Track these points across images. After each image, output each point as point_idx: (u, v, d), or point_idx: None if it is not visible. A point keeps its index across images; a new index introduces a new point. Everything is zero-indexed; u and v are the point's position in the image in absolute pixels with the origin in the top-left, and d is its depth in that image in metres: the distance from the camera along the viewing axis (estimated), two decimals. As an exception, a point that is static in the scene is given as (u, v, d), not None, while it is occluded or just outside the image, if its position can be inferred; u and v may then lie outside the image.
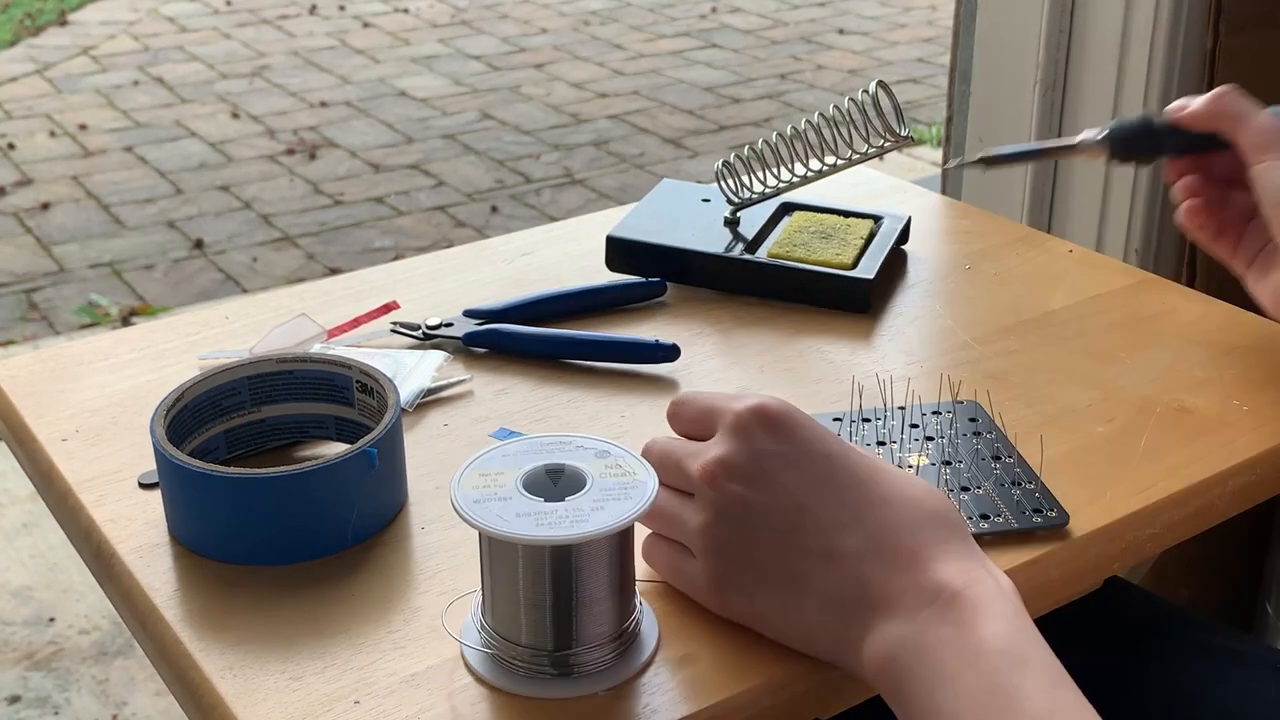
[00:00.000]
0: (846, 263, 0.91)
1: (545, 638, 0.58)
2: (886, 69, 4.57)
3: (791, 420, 0.59)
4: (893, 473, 0.59)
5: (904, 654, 0.53)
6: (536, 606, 0.57)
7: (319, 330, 0.85)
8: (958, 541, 0.56)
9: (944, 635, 0.52)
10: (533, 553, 0.56)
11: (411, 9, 5.40)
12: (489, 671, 0.58)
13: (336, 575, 0.65)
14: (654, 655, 0.59)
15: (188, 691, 0.59)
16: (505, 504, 0.56)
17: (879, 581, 0.55)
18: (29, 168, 3.75)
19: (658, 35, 5.04)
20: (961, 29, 1.41)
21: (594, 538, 0.55)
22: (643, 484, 0.58)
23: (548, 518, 0.56)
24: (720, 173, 0.96)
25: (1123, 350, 0.84)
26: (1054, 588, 0.67)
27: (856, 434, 0.74)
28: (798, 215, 0.98)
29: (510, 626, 0.58)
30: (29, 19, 5.21)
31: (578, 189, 3.64)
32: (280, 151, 3.88)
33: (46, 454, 0.74)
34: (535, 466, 0.59)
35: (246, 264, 3.20)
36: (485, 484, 0.58)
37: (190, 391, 0.70)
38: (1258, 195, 0.78)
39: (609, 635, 0.58)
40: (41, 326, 2.90)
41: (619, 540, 0.58)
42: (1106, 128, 0.84)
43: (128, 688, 1.81)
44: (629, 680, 0.58)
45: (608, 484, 0.58)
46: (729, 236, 0.95)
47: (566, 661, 0.58)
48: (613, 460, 0.59)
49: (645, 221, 0.96)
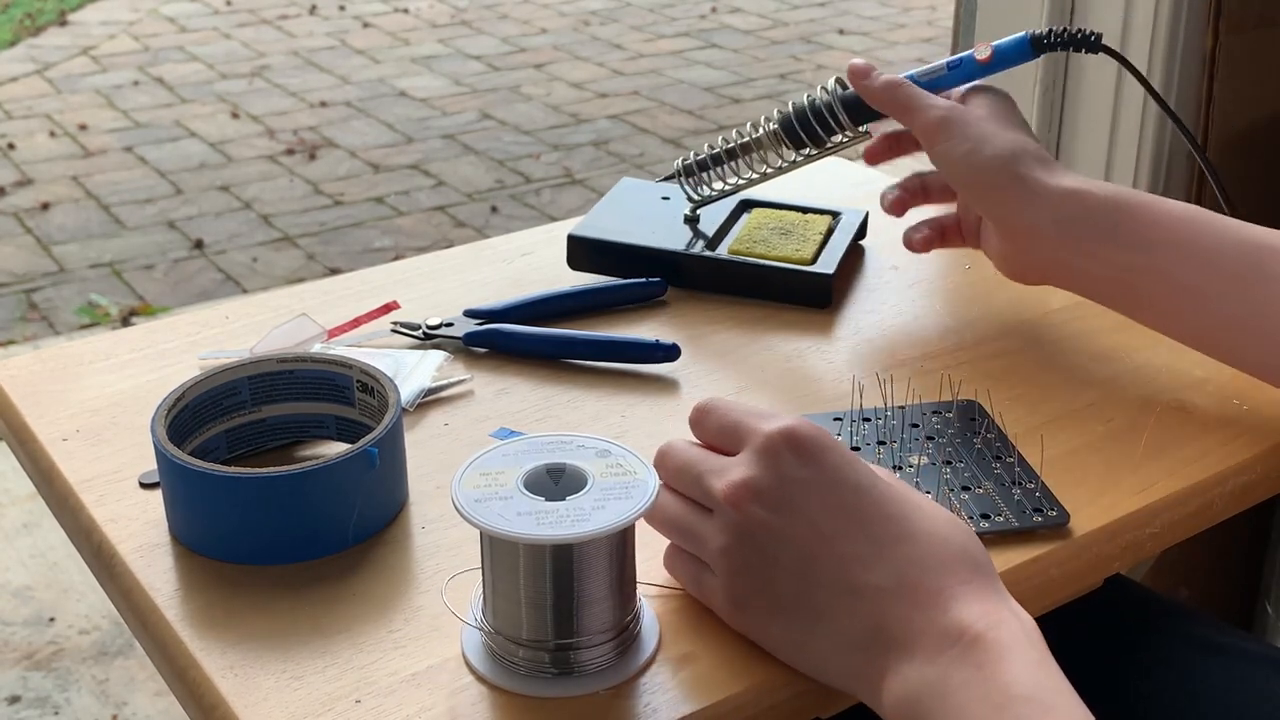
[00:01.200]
0: (806, 258, 0.92)
1: (546, 637, 0.58)
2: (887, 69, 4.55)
3: (820, 446, 0.58)
4: (921, 507, 0.57)
5: (926, 697, 0.52)
6: (537, 605, 0.57)
7: (319, 330, 0.85)
8: (982, 581, 0.55)
9: (967, 678, 0.51)
10: (533, 552, 0.56)
11: (411, 9, 5.40)
12: (490, 670, 0.58)
13: (337, 575, 0.65)
14: (655, 654, 0.59)
15: (188, 691, 0.59)
16: (506, 503, 0.57)
17: (900, 620, 0.54)
18: (29, 168, 3.75)
19: (658, 35, 5.04)
20: (961, 29, 1.41)
21: (594, 537, 0.55)
22: (643, 483, 0.58)
23: (548, 517, 0.56)
24: (680, 170, 0.96)
25: (1123, 350, 0.84)
26: (1054, 587, 0.67)
27: (857, 433, 0.74)
28: (756, 212, 0.99)
29: (511, 625, 0.58)
30: (29, 19, 5.21)
31: (578, 189, 3.64)
32: (280, 151, 3.88)
33: (47, 454, 0.74)
34: (536, 466, 0.59)
35: (246, 264, 3.20)
36: (486, 483, 0.58)
37: (191, 391, 0.70)
38: (946, 177, 0.85)
39: (609, 634, 0.58)
40: (41, 326, 2.90)
41: (619, 540, 0.58)
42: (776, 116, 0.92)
43: (128, 688, 1.81)
44: (629, 680, 0.58)
45: (608, 483, 0.58)
46: (689, 234, 0.95)
47: (567, 660, 0.58)
48: (613, 459, 0.59)
49: (606, 220, 0.97)
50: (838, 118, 0.90)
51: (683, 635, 0.61)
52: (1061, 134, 1.35)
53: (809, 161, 0.93)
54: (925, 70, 0.88)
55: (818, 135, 0.91)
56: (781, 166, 0.94)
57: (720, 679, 0.58)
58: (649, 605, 0.62)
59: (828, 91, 0.90)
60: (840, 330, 0.88)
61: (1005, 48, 0.86)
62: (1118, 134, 1.30)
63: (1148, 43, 1.25)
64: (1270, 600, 1.33)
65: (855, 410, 0.76)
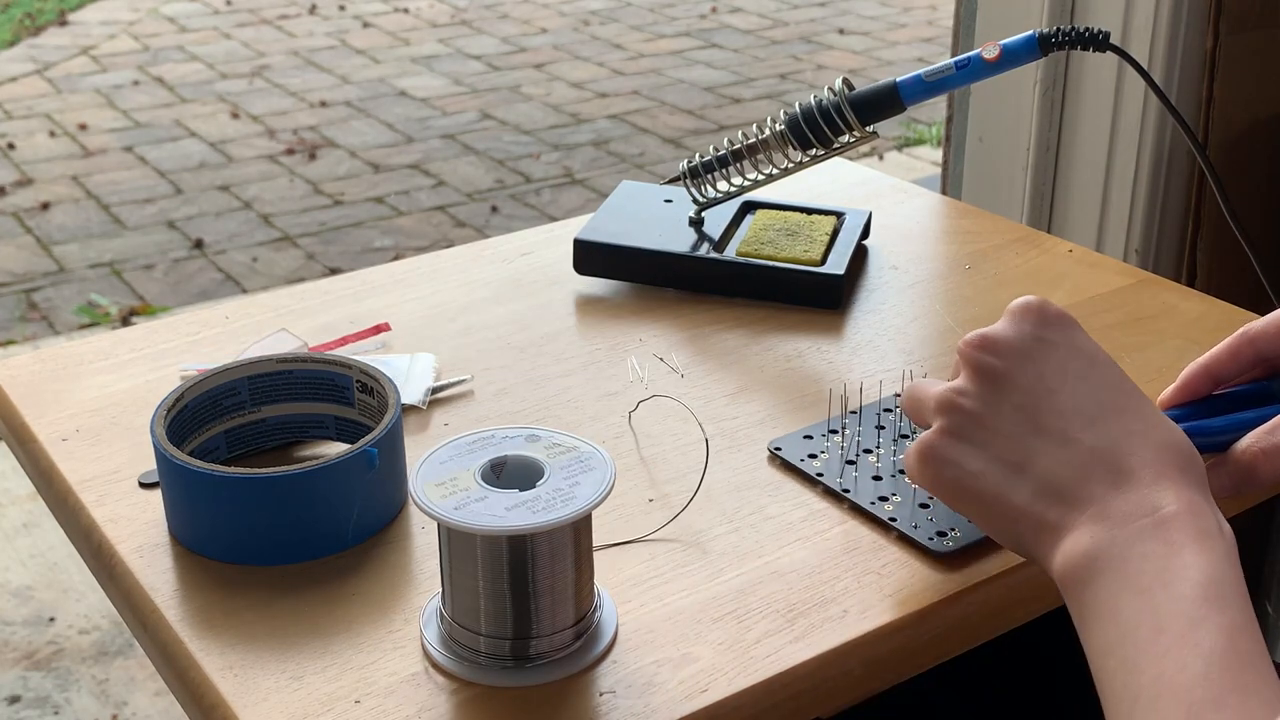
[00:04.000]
0: (815, 259, 0.92)
1: (505, 627, 0.58)
2: (887, 69, 4.57)
3: (1066, 320, 0.59)
4: (1149, 402, 0.58)
5: (1103, 557, 0.52)
6: (496, 596, 0.57)
7: (299, 344, 0.84)
8: (1192, 479, 0.55)
9: (1149, 550, 0.51)
10: (490, 543, 0.57)
11: (411, 9, 5.39)
12: (451, 664, 0.59)
13: (336, 575, 0.65)
14: (613, 644, 0.60)
15: (188, 691, 0.59)
16: (464, 494, 0.57)
17: (1104, 482, 0.54)
18: (29, 168, 3.75)
19: (658, 35, 5.04)
20: (961, 29, 1.41)
21: (552, 527, 0.56)
22: (599, 473, 0.58)
23: (508, 508, 0.56)
24: (685, 172, 0.96)
25: (1123, 350, 0.84)
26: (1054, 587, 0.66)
27: (858, 435, 0.74)
28: (761, 214, 0.98)
29: (470, 617, 0.58)
30: (29, 19, 5.21)
31: (578, 189, 3.64)
32: (280, 151, 3.88)
33: (46, 454, 0.74)
34: (489, 459, 0.59)
35: (246, 264, 3.20)
36: (444, 475, 0.58)
37: (190, 392, 0.70)
38: None
39: (567, 624, 0.59)
40: (41, 326, 2.90)
41: (577, 529, 0.58)
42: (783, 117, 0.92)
43: (128, 688, 1.81)
44: (588, 668, 0.58)
45: (565, 473, 0.58)
46: (694, 237, 0.95)
47: (524, 649, 0.58)
48: (570, 449, 0.60)
49: (610, 224, 0.97)
50: (845, 118, 0.90)
51: (683, 635, 0.61)
52: (1062, 134, 1.35)
53: (815, 162, 0.93)
54: (933, 70, 0.87)
55: (825, 136, 0.91)
56: (788, 167, 0.94)
57: (720, 679, 0.58)
58: (608, 595, 0.62)
59: (835, 92, 0.90)
60: (844, 330, 0.88)
61: (1013, 46, 0.86)
62: (1118, 134, 1.30)
63: (1148, 43, 1.25)
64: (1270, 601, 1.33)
65: (846, 411, 0.76)
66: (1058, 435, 0.56)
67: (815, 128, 0.90)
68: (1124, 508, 0.53)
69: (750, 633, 0.61)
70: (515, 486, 0.58)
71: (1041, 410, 0.57)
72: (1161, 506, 0.52)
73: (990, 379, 0.58)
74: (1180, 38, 1.24)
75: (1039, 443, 0.56)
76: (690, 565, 0.65)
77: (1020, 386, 0.57)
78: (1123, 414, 0.56)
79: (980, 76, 0.87)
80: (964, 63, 0.87)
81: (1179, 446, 0.56)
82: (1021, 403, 0.57)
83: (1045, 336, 0.58)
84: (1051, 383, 0.57)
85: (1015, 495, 0.56)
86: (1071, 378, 0.57)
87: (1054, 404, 0.57)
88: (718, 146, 0.96)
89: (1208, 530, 0.52)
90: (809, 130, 0.90)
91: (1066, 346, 0.58)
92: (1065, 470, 0.55)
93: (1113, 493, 0.54)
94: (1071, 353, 0.58)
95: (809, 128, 0.90)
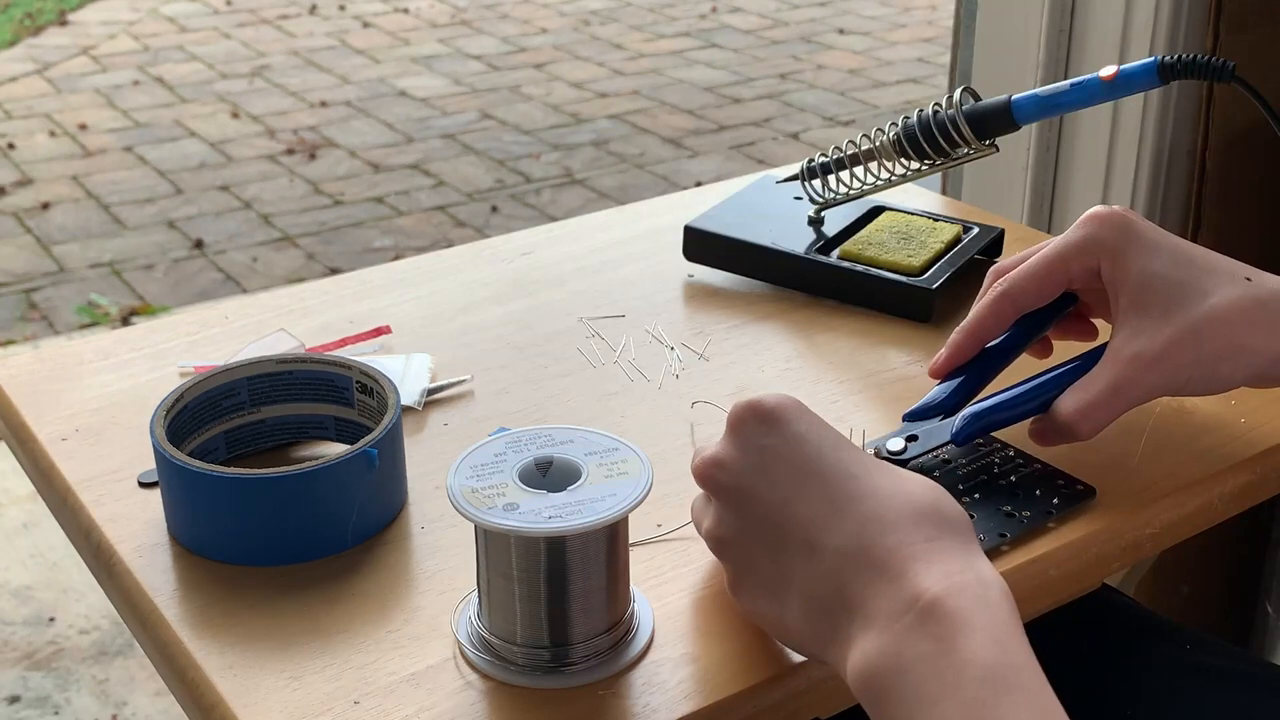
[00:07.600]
0: (916, 266, 0.90)
1: (541, 631, 0.58)
2: (887, 69, 4.57)
3: (785, 413, 0.57)
4: (888, 469, 0.56)
5: (883, 670, 0.49)
6: (532, 599, 0.57)
7: (297, 345, 0.85)
8: (948, 540, 0.52)
9: (923, 652, 0.48)
10: (526, 544, 0.56)
11: (411, 9, 5.40)
12: (487, 667, 0.58)
13: (336, 575, 0.65)
14: (649, 646, 0.60)
15: (188, 691, 0.59)
16: (501, 496, 0.57)
17: (859, 584, 0.52)
18: (29, 168, 3.75)
19: (658, 35, 5.04)
20: (961, 29, 1.41)
21: (589, 529, 0.55)
22: (637, 476, 0.58)
23: (544, 509, 0.56)
24: (804, 172, 0.96)
25: (1122, 350, 0.84)
26: (1054, 587, 0.67)
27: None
28: (885, 216, 0.97)
29: (506, 620, 0.58)
30: (29, 19, 5.21)
31: (578, 189, 3.64)
32: (280, 151, 3.88)
33: (46, 453, 0.74)
34: (529, 460, 0.59)
35: (246, 264, 3.20)
36: (480, 477, 0.58)
37: (190, 392, 0.70)
38: None
39: (604, 627, 0.59)
40: (41, 326, 2.90)
41: (613, 532, 0.58)
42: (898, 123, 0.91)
43: (128, 688, 1.81)
44: (623, 671, 0.58)
45: (603, 476, 0.58)
46: (812, 235, 0.94)
47: (563, 654, 0.58)
48: (610, 453, 0.60)
49: (730, 215, 0.96)
50: (961, 132, 0.88)
51: (682, 635, 0.61)
52: (1061, 134, 1.34)
53: (934, 171, 0.92)
54: (1049, 90, 0.85)
55: (940, 148, 0.90)
56: (906, 175, 0.93)
57: (720, 679, 0.58)
58: (644, 597, 0.62)
59: (952, 104, 0.89)
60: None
61: (1131, 71, 0.83)
62: (1118, 134, 1.30)
63: (1148, 43, 1.25)
64: (1270, 601, 1.33)
65: None
66: (804, 546, 0.54)
67: (931, 139, 0.89)
68: (885, 607, 0.50)
69: (749, 632, 0.61)
70: (552, 488, 0.58)
71: (785, 523, 0.55)
72: (921, 593, 0.49)
73: (731, 500, 0.58)
74: (1180, 38, 1.24)
75: (790, 559, 0.55)
76: (690, 565, 0.65)
77: (761, 499, 0.56)
78: (856, 501, 0.54)
79: (1095, 100, 0.85)
80: (1079, 83, 0.84)
81: (927, 507, 0.53)
82: (765, 514, 0.56)
83: (767, 443, 0.57)
84: (785, 490, 0.56)
85: (788, 616, 0.55)
86: (801, 478, 0.56)
87: (792, 513, 0.55)
88: (839, 147, 0.95)
89: (972, 605, 0.49)
90: (925, 141, 0.90)
91: (789, 444, 0.56)
92: (821, 583, 0.53)
93: (869, 593, 0.51)
94: (795, 450, 0.56)
95: (925, 139, 0.90)
